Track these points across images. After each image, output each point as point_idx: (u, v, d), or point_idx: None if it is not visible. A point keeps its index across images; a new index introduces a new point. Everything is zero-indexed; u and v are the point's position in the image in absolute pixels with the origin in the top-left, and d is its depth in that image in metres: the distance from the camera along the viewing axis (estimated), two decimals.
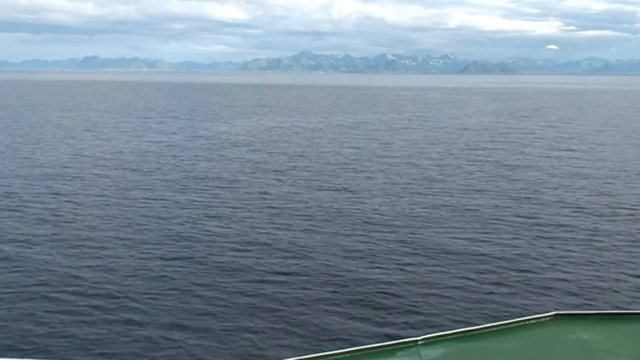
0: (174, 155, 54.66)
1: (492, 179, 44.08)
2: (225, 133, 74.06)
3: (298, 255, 26.04)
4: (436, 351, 7.46)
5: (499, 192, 39.49)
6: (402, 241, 28.22)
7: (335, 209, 34.46)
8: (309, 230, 30.12)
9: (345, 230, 30.11)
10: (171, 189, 39.92)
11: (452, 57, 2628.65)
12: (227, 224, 31.17)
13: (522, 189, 40.58)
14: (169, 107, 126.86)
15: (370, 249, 26.90)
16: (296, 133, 75.10)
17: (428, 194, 38.63)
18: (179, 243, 27.85)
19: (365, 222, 31.63)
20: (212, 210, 34.23)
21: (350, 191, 39.51)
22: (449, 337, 7.75)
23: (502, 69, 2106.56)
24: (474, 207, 34.95)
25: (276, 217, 32.69)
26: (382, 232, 29.78)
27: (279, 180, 43.43)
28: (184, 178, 43.77)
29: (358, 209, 34.37)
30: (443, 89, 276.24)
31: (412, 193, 38.97)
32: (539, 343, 7.72)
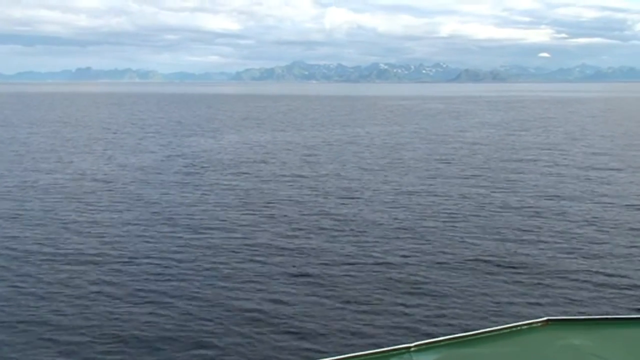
0: (144, 181, 45.94)
1: (532, 211, 35.63)
2: (210, 151, 65.45)
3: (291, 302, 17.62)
4: (429, 357, 7.37)
5: (546, 231, 31.07)
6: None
7: (339, 251, 26.02)
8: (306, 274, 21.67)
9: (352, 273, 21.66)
10: (132, 231, 31.28)
11: (445, 66, 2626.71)
12: (202, 265, 22.73)
13: (573, 226, 32.16)
14: (153, 120, 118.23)
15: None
16: (289, 150, 66.62)
17: (456, 233, 30.14)
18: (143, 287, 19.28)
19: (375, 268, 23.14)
20: (179, 256, 25.63)
21: (356, 225, 31.00)
22: (441, 343, 7.66)
23: (495, 77, 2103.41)
24: (522, 256, 26.49)
25: (265, 262, 24.19)
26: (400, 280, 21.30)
27: (271, 216, 34.88)
28: (151, 213, 35.15)
29: (366, 253, 25.89)
30: (439, 98, 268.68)
31: (433, 228, 30.50)
32: (530, 349, 7.64)
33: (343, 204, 37.96)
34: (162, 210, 36.23)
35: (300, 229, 31.79)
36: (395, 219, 33.77)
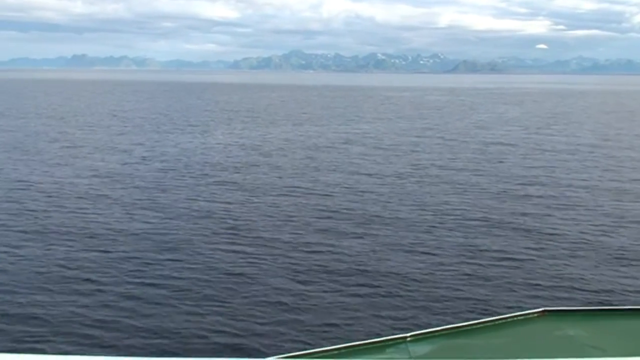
0: (98, 195, 36.27)
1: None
2: (192, 152, 55.83)
3: None
4: (425, 347, 7.25)
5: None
6: None
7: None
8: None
9: None
10: (90, 246, 21.86)
11: (442, 57, 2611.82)
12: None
13: None
14: (138, 111, 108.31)
15: None
16: (286, 151, 57.07)
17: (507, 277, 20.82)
18: None
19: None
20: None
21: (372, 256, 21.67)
22: (437, 333, 7.57)
23: (492, 68, 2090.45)
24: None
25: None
26: None
27: (260, 245, 25.40)
28: (104, 233, 25.69)
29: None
30: (441, 90, 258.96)
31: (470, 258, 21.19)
32: (527, 339, 7.60)
33: (354, 231, 28.51)
34: (116, 230, 26.73)
35: (298, 265, 22.42)
36: (419, 244, 24.37)
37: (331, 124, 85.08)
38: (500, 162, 51.11)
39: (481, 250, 25.98)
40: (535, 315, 8.06)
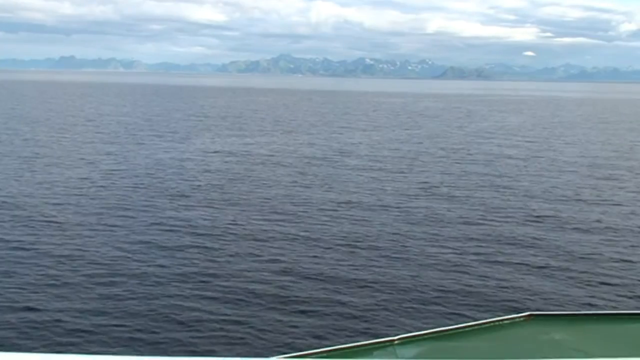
0: (51, 221, 29.80)
1: None
2: (170, 162, 49.38)
3: None
4: (412, 350, 7.25)
5: None
6: None
7: None
8: None
9: None
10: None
11: (430, 62, 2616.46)
12: None
13: None
14: (116, 116, 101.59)
15: None
16: (273, 164, 50.88)
17: None
18: None
19: None
20: None
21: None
22: (425, 336, 7.56)
23: (480, 74, 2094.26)
24: None
25: None
26: None
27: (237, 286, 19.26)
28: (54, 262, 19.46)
29: None
30: (433, 96, 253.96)
31: None
32: (512, 343, 7.60)
33: (355, 265, 22.37)
34: (59, 269, 20.44)
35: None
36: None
37: (322, 133, 78.98)
38: (516, 180, 45.26)
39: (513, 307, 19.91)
40: (521, 319, 8.00)
